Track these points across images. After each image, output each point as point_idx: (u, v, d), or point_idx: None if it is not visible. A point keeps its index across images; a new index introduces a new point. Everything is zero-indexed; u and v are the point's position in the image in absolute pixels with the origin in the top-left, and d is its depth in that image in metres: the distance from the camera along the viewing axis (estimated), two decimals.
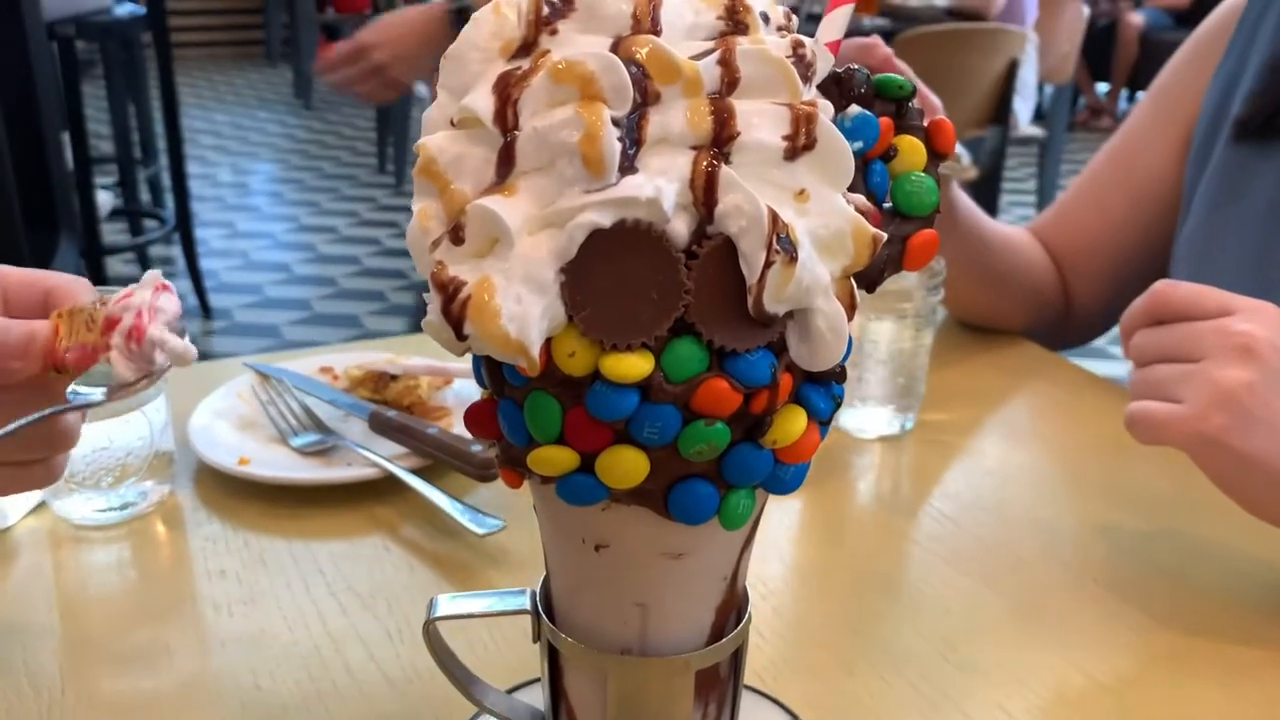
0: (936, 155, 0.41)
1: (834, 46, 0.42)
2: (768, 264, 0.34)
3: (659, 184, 0.34)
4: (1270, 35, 0.88)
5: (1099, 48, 5.92)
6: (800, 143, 0.35)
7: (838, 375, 0.39)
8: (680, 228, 0.35)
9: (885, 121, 0.40)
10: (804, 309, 0.36)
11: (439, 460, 0.77)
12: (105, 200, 3.56)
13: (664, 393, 0.36)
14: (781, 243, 0.34)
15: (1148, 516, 0.78)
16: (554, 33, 0.36)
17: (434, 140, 0.37)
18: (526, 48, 0.36)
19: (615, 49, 0.36)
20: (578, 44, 0.36)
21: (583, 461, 0.37)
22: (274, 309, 3.50)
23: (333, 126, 5.91)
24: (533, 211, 0.35)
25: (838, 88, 0.40)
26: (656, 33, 0.36)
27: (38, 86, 2.43)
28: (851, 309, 0.37)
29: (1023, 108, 3.68)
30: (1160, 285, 0.67)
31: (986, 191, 3.48)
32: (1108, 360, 3.09)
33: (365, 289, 3.68)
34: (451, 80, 0.37)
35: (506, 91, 0.36)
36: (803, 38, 0.38)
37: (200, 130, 5.64)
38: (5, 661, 0.62)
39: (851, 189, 0.37)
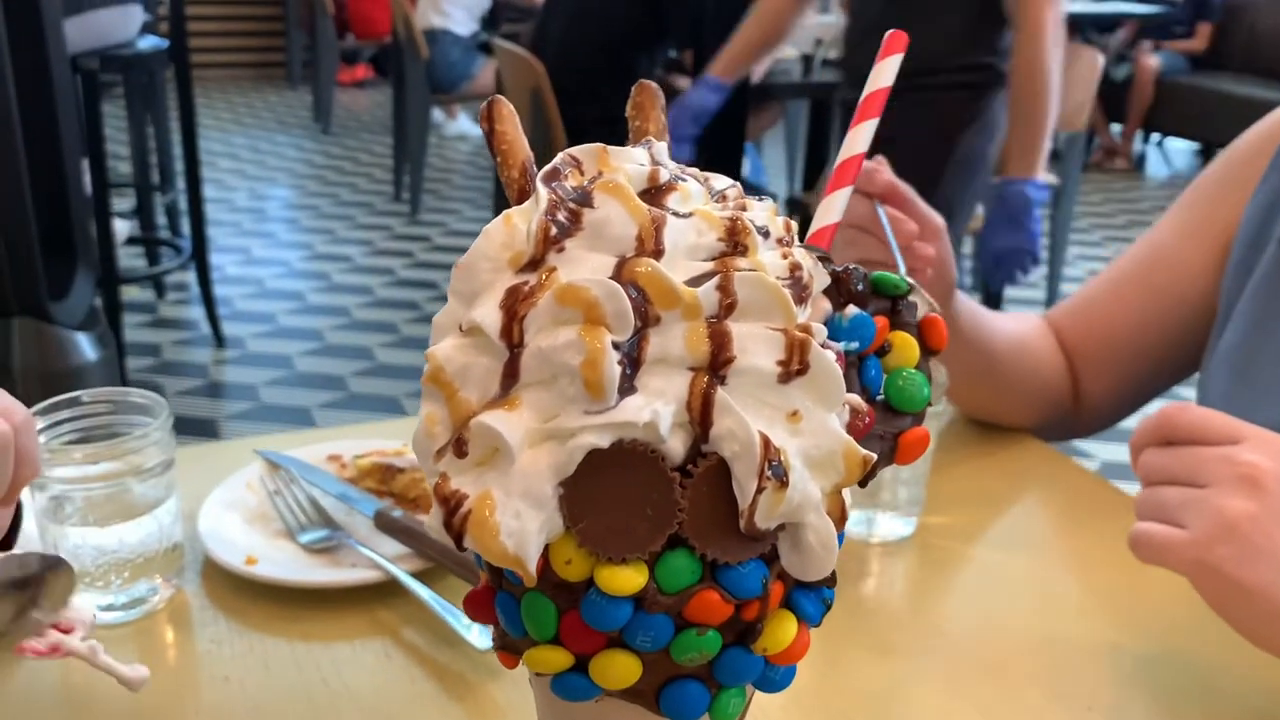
0: (929, 351, 0.42)
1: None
2: (759, 489, 0.35)
3: (656, 407, 0.35)
4: None
5: (1114, 89, 5.93)
6: (794, 368, 0.36)
7: (828, 580, 0.40)
8: (676, 445, 0.36)
9: (880, 320, 0.41)
10: (795, 523, 0.37)
11: (441, 565, 0.78)
12: (122, 228, 3.59)
13: (657, 604, 0.37)
14: (773, 469, 0.35)
15: (1150, 638, 0.78)
16: (561, 250, 0.37)
17: (442, 349, 0.38)
18: (534, 263, 0.38)
19: (619, 269, 0.37)
20: (584, 263, 0.37)
21: (576, 661, 0.38)
22: (287, 338, 3.52)
23: (350, 152, 5.95)
24: (534, 425, 0.36)
25: (836, 286, 0.41)
26: (659, 254, 0.37)
27: (60, 119, 2.46)
28: (842, 520, 0.38)
29: None
30: (1171, 407, 0.69)
31: None
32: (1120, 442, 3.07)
33: (378, 320, 3.70)
34: (462, 286, 0.39)
35: (514, 308, 0.37)
36: (800, 258, 0.39)
37: (218, 153, 5.69)
38: None
39: (845, 383, 0.39)
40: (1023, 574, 0.86)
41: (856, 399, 0.39)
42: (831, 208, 0.46)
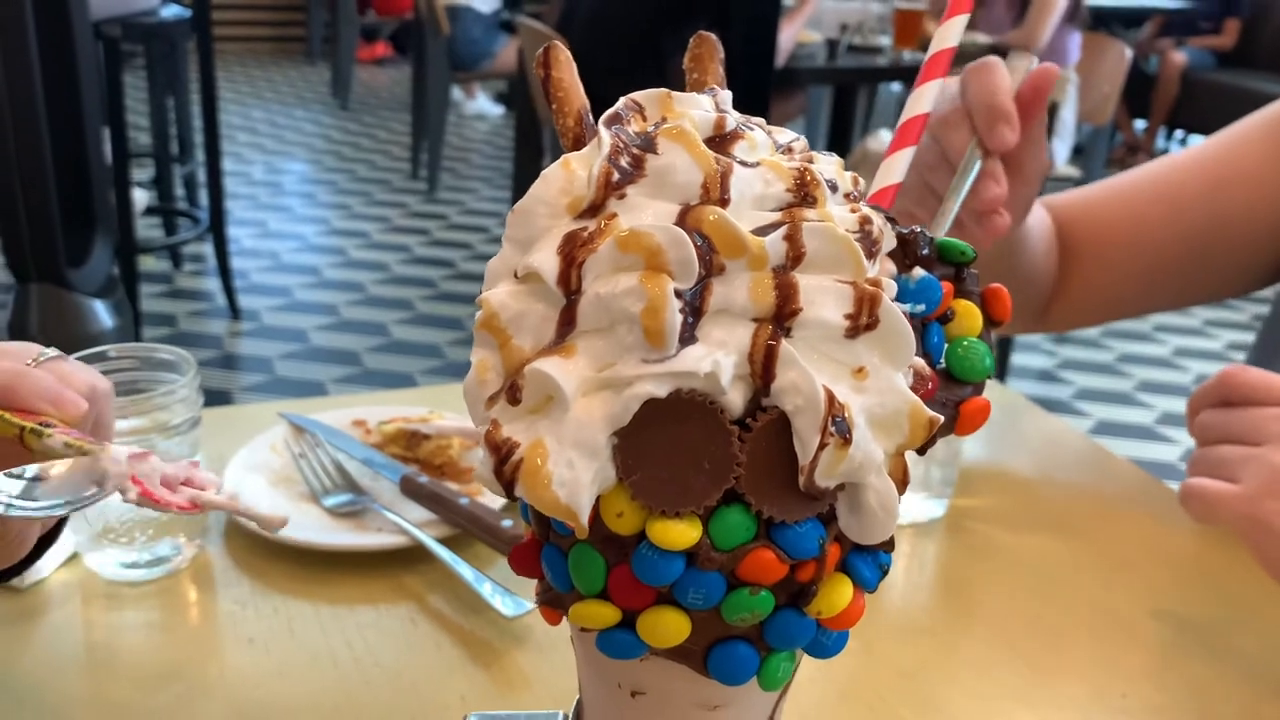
0: (992, 322, 0.41)
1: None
2: (821, 445, 0.34)
3: (718, 358, 0.34)
4: None
5: (1139, 85, 5.88)
6: (863, 322, 0.35)
7: (886, 544, 0.39)
8: (736, 398, 0.35)
9: (945, 285, 0.40)
10: (856, 483, 0.36)
11: (468, 531, 0.78)
12: (140, 198, 3.59)
13: (710, 560, 0.35)
14: (837, 425, 0.34)
15: (1185, 623, 0.77)
16: (623, 196, 0.36)
17: (497, 295, 0.37)
18: (594, 209, 0.36)
19: (683, 217, 0.36)
20: (645, 210, 0.36)
21: (624, 618, 0.37)
22: (302, 312, 3.52)
23: (368, 129, 5.94)
24: (589, 374, 0.35)
25: (902, 250, 0.40)
26: (725, 202, 0.36)
27: (82, 86, 2.45)
28: (903, 484, 0.37)
29: (1060, 148, 3.66)
30: (1231, 369, 0.69)
31: None
32: (1159, 442, 3.05)
33: (393, 296, 3.69)
34: (518, 233, 0.37)
35: (572, 254, 0.36)
36: (870, 214, 0.37)
37: (236, 126, 5.68)
38: (38, 715, 0.63)
39: None
40: (1055, 557, 0.85)
41: (921, 362, 0.38)
42: (893, 169, 0.45)
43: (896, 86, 5.78)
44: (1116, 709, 0.69)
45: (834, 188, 0.38)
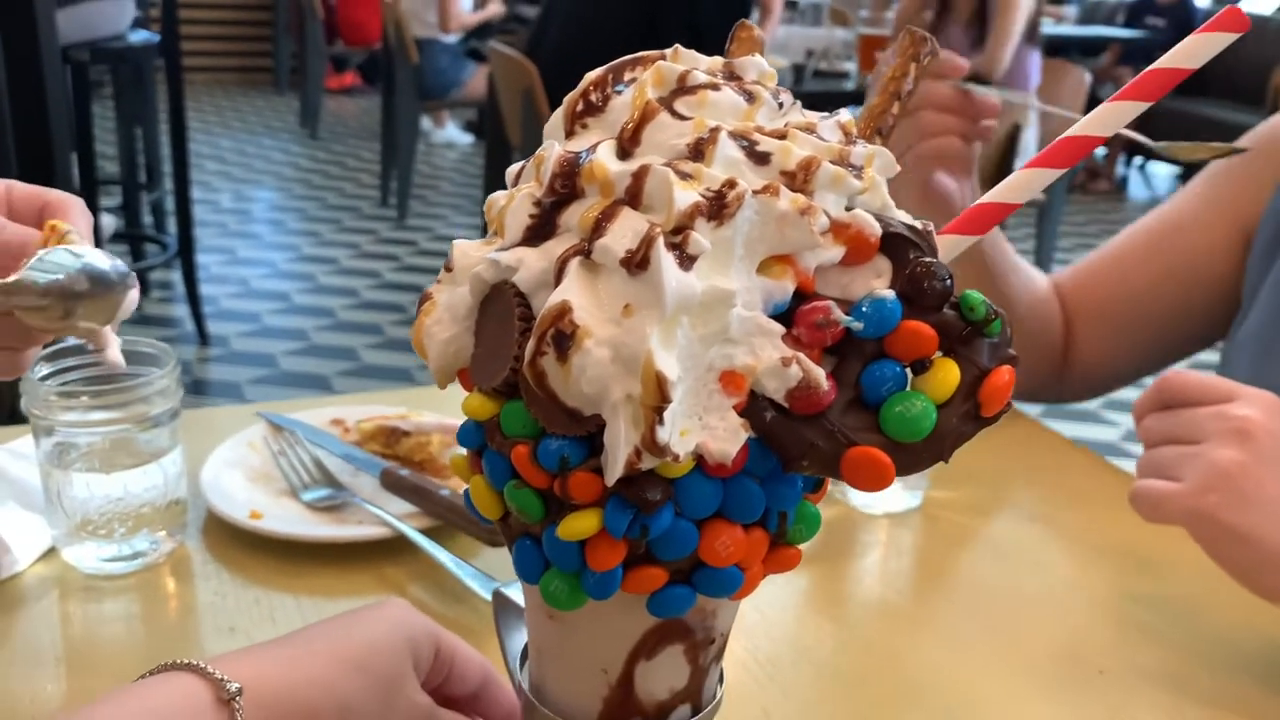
0: (976, 411, 0.36)
1: (996, 210, 0.40)
2: (539, 352, 0.35)
3: (526, 258, 0.37)
4: None
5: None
6: (635, 259, 0.35)
7: (644, 501, 0.36)
8: (541, 302, 0.36)
9: (924, 330, 0.36)
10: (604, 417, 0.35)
11: (449, 522, 0.78)
12: (108, 223, 3.57)
13: (496, 442, 0.38)
14: (555, 338, 0.35)
15: (1157, 603, 0.78)
16: (584, 126, 0.40)
17: (499, 197, 0.40)
18: (568, 134, 0.40)
19: (594, 147, 0.38)
20: (589, 138, 0.39)
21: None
22: (271, 338, 3.50)
23: (337, 157, 5.93)
24: (476, 252, 0.40)
25: (913, 281, 0.36)
26: (635, 143, 0.38)
27: (50, 109, 2.44)
28: (652, 445, 0.35)
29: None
30: (1168, 374, 0.72)
31: None
32: (1099, 424, 3.11)
33: (363, 322, 3.68)
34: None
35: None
36: (740, 189, 0.36)
37: (205, 156, 5.66)
38: (13, 710, 0.62)
39: (841, 376, 0.36)
40: (1028, 543, 0.86)
41: (813, 370, 0.35)
42: (1020, 186, 0.40)
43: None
44: (1093, 684, 0.70)
45: (761, 158, 0.38)
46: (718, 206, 0.36)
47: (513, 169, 0.41)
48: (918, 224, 0.38)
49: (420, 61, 4.69)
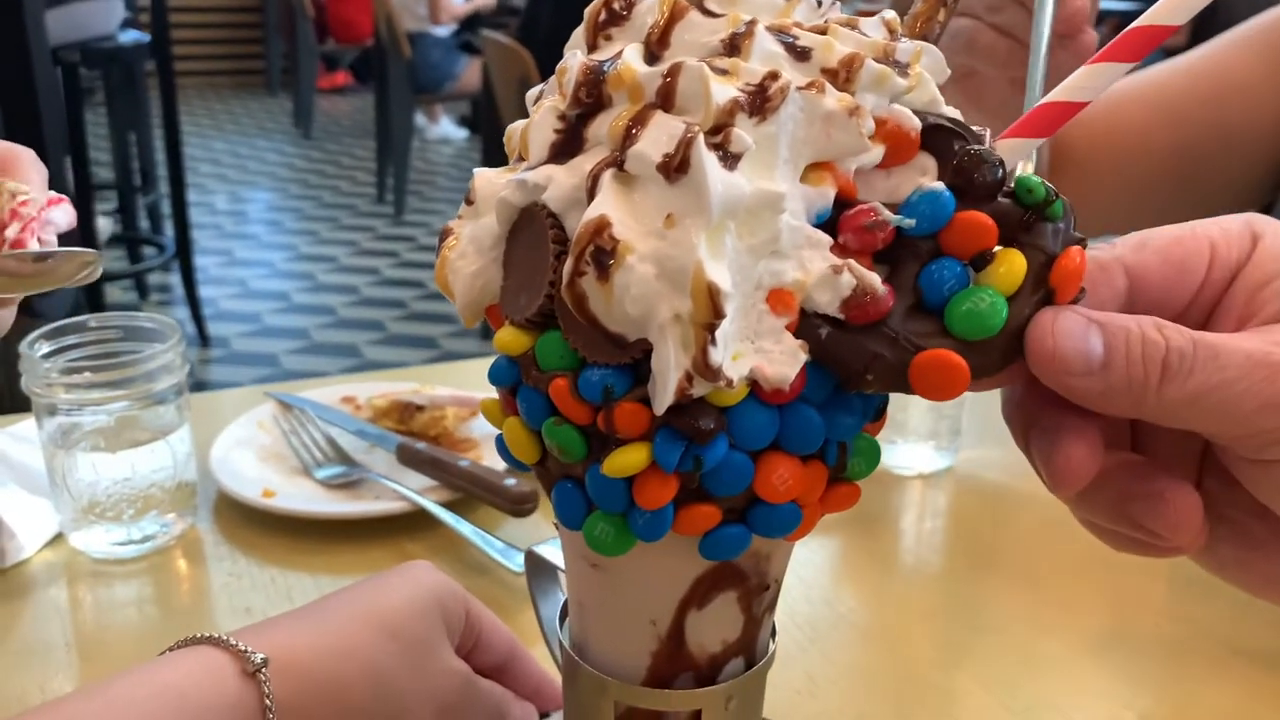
0: (1047, 293, 0.33)
1: (1064, 110, 0.36)
2: (578, 273, 0.32)
3: (556, 175, 0.34)
4: None
5: None
6: (673, 163, 0.32)
7: (697, 433, 0.33)
8: (574, 222, 0.33)
9: (981, 219, 0.33)
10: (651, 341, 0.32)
11: (470, 494, 0.75)
12: (104, 226, 3.54)
13: (532, 377, 0.35)
14: (595, 256, 0.32)
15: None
16: (609, 38, 0.37)
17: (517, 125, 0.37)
18: (590, 46, 0.37)
19: (618, 55, 0.35)
20: (615, 47, 0.36)
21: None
22: (272, 337, 3.47)
23: (332, 156, 5.90)
24: (498, 179, 0.37)
25: (957, 167, 0.33)
26: (664, 44, 0.35)
27: (41, 111, 2.42)
28: (705, 369, 0.32)
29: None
30: None
31: None
32: None
33: (364, 318, 3.65)
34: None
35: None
36: (783, 81, 0.33)
37: (199, 159, 5.63)
38: (22, 700, 0.59)
39: (897, 281, 0.33)
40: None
41: (866, 275, 0.32)
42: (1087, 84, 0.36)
43: None
44: (1150, 641, 0.67)
45: (802, 54, 0.35)
46: (760, 100, 0.33)
47: (532, 92, 0.38)
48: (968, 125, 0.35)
49: (413, 56, 4.66)
